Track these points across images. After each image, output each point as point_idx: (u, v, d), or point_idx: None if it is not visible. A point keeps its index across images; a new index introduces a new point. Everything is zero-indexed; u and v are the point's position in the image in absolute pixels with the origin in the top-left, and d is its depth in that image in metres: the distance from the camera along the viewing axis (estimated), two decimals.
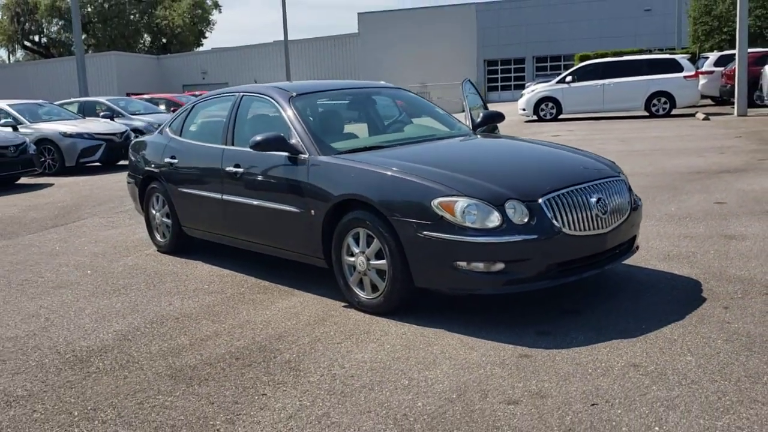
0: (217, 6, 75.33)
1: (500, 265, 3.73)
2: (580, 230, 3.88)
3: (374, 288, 4.22)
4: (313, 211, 4.49)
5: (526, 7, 49.61)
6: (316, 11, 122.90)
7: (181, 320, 4.38)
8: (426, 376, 3.31)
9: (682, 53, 28.35)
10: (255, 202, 4.97)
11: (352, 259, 4.31)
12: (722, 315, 3.84)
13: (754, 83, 19.88)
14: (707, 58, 24.82)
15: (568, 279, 3.91)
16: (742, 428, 2.62)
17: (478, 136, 5.40)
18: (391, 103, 5.83)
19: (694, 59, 23.34)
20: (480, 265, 3.74)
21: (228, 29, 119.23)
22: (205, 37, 74.98)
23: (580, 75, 20.48)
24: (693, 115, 19.99)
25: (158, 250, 6.33)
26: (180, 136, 6.00)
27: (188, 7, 68.12)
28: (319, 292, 4.78)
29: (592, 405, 2.89)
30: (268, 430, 2.88)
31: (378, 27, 52.33)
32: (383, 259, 4.09)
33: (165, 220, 6.15)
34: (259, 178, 4.95)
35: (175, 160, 5.82)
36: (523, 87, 49.59)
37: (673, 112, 20.10)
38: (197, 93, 21.52)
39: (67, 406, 3.23)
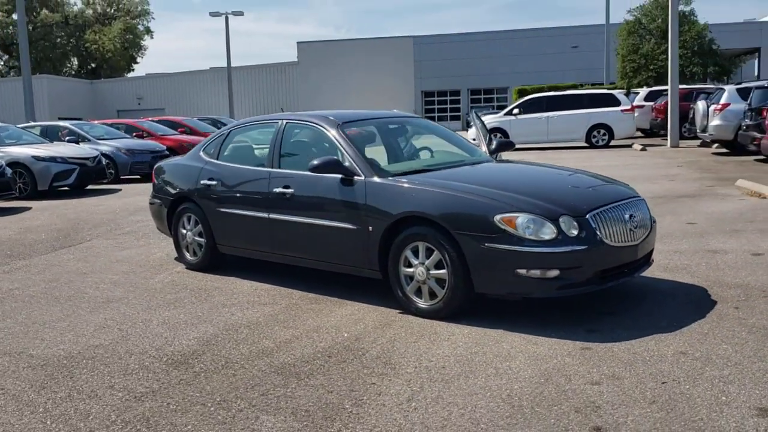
0: (149, 32, 74.49)
1: (555, 272, 4.32)
2: (618, 242, 4.53)
3: (432, 295, 4.73)
4: (371, 228, 4.98)
5: (461, 42, 51.48)
6: (251, 38, 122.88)
7: (253, 328, 4.76)
8: (508, 365, 3.83)
9: (609, 88, 30.26)
10: (307, 220, 5.41)
11: (410, 269, 4.81)
12: (736, 314, 4.54)
13: (683, 117, 21.49)
14: (638, 93, 26.62)
15: (608, 284, 4.54)
16: None
17: (506, 160, 6.02)
18: (423, 132, 6.41)
19: (628, 94, 24.98)
20: (538, 272, 4.32)
21: (160, 54, 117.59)
22: (136, 62, 74.02)
23: (526, 107, 21.67)
24: (630, 146, 21.44)
25: (188, 268, 6.63)
26: (217, 159, 6.38)
27: (119, 32, 67.17)
28: (368, 301, 5.23)
29: (663, 383, 3.49)
30: (394, 410, 3.34)
31: (317, 57, 53.19)
32: (443, 269, 4.61)
33: (198, 239, 6.48)
34: (312, 198, 5.41)
35: (214, 182, 6.19)
36: (458, 118, 51.56)
37: (612, 143, 21.51)
38: (154, 119, 21.52)
39: (196, 398, 3.59)
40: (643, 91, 25.90)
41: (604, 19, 40.50)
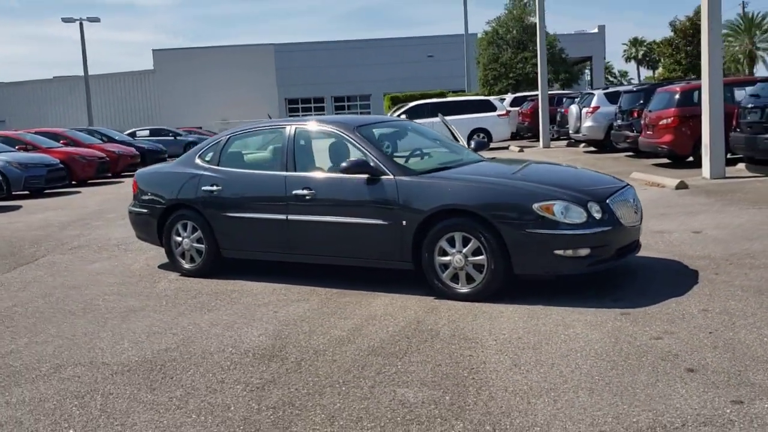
0: None
1: (586, 251, 4.98)
2: (628, 223, 5.27)
3: (470, 280, 5.23)
4: (404, 222, 5.38)
5: (322, 50, 52.10)
6: (104, 46, 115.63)
7: (310, 321, 5.01)
8: (573, 332, 4.41)
9: (472, 95, 32.19)
10: (332, 219, 5.71)
11: (446, 258, 5.27)
12: (719, 278, 5.42)
13: (549, 120, 23.43)
14: (504, 99, 28.58)
15: (623, 260, 5.28)
16: None
17: (502, 159, 6.63)
18: (417, 135, 6.87)
19: (502, 100, 26.74)
20: (571, 252, 4.96)
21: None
22: None
23: (411, 114, 22.60)
24: (507, 147, 23.06)
25: (183, 275, 6.64)
26: (219, 165, 6.47)
27: None
28: (394, 291, 5.61)
29: (710, 333, 4.22)
30: (509, 373, 3.80)
31: (174, 64, 51.66)
32: (481, 255, 5.12)
33: (196, 245, 6.52)
34: (338, 198, 5.72)
35: (218, 188, 6.28)
36: None
37: (491, 145, 23.01)
38: (31, 130, 20.14)
39: (319, 382, 3.84)
40: (509, 97, 27.87)
41: (457, 29, 42.81)
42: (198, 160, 6.63)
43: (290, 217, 5.92)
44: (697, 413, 3.19)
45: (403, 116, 22.48)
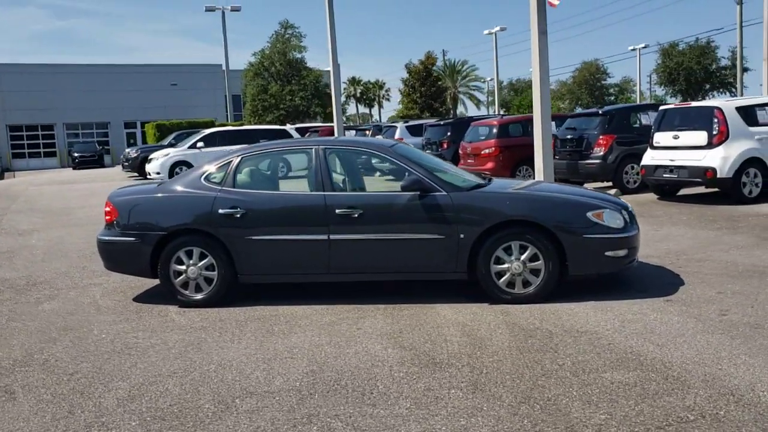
0: None
1: (625, 251, 5.86)
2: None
3: (526, 284, 5.78)
4: (462, 235, 5.76)
5: (54, 74, 47.42)
6: None
7: (390, 338, 5.09)
8: (659, 316, 5.21)
9: (235, 125, 32.29)
10: (383, 236, 5.84)
11: (501, 266, 5.77)
12: (697, 267, 6.68)
13: None
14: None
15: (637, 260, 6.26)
16: None
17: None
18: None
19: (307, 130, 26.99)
20: (614, 252, 5.80)
21: None
22: None
23: (208, 141, 22.11)
24: None
25: (185, 306, 6.11)
26: (234, 187, 6.12)
27: None
28: (438, 302, 5.91)
29: (751, 307, 5.35)
30: (663, 351, 4.46)
31: None
32: (538, 260, 5.73)
33: (206, 273, 6.08)
34: (388, 215, 5.87)
35: (240, 210, 5.96)
36: (54, 154, 47.37)
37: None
38: None
39: (517, 381, 4.12)
40: (290, 128, 28.49)
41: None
42: (204, 182, 6.20)
43: (333, 237, 5.90)
44: None
45: (200, 144, 21.90)
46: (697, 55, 58.65)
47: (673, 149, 11.37)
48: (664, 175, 11.49)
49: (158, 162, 21.66)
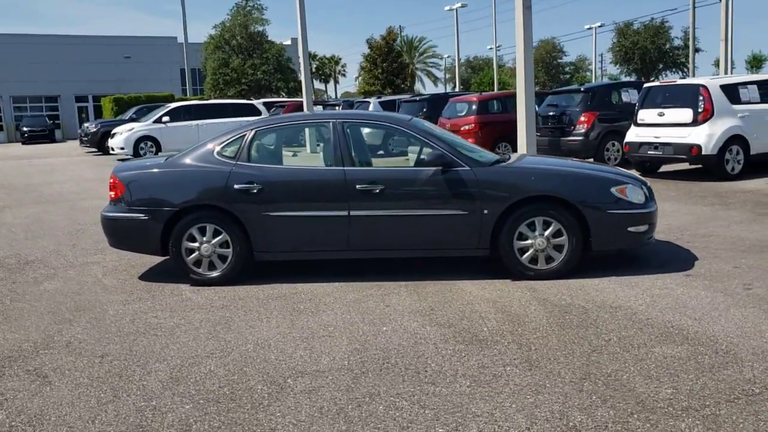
0: None
1: (646, 227, 5.88)
2: None
3: (549, 260, 5.76)
4: (486, 211, 5.69)
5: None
6: None
7: (424, 314, 5.05)
8: (686, 291, 5.25)
9: (196, 99, 31.54)
10: (404, 213, 5.73)
11: (527, 242, 5.73)
12: (704, 243, 6.78)
13: None
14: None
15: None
16: None
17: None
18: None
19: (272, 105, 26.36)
20: (637, 228, 5.81)
21: None
22: None
23: (174, 116, 21.50)
24: None
25: (197, 284, 5.92)
26: (249, 161, 5.91)
27: None
28: (460, 278, 5.86)
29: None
30: (704, 323, 4.50)
31: None
32: (561, 236, 5.71)
33: (220, 250, 5.89)
34: (411, 190, 5.75)
35: (257, 185, 5.77)
36: (0, 129, 45.51)
37: None
38: None
39: (587, 347, 4.10)
40: (257, 103, 27.93)
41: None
42: (218, 156, 5.97)
43: (353, 212, 5.76)
44: None
45: (166, 118, 21.31)
46: (652, 35, 59.65)
47: (657, 126, 11.51)
48: (649, 152, 11.64)
49: (122, 137, 20.97)
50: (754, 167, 11.39)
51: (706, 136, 10.83)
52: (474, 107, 15.34)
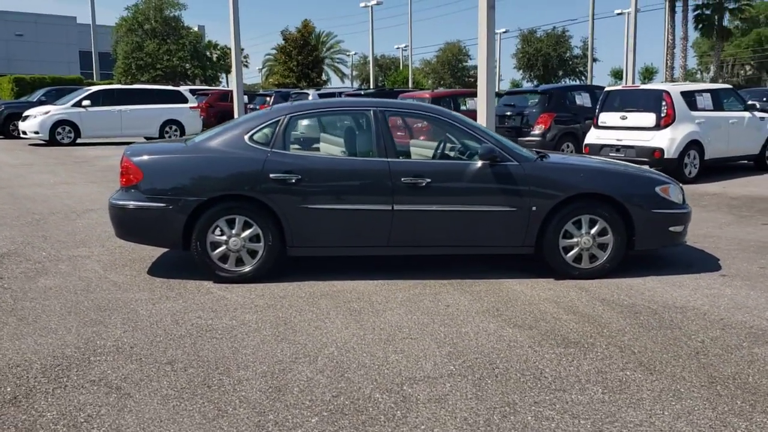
0: None
1: (682, 227, 5.91)
2: None
3: (593, 258, 5.67)
4: (534, 208, 5.53)
5: None
6: None
7: (483, 315, 4.84)
8: (731, 291, 5.30)
9: (105, 83, 29.77)
10: (450, 208, 5.47)
11: (572, 240, 5.62)
12: (732, 252, 6.93)
13: (222, 117, 23.32)
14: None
15: None
16: None
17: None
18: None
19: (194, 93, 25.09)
20: (675, 228, 5.83)
21: None
22: None
23: (94, 100, 20.08)
24: None
25: (221, 281, 5.41)
26: (284, 149, 5.44)
27: None
28: (500, 276, 5.68)
29: None
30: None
31: None
32: (606, 235, 5.63)
33: (250, 244, 5.40)
34: (457, 185, 5.49)
35: (296, 175, 5.33)
36: None
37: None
38: None
39: (668, 341, 4.01)
40: (185, 88, 26.65)
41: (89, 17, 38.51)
42: (249, 142, 5.46)
43: (396, 207, 5.43)
44: None
45: (87, 102, 19.90)
46: (554, 43, 62.14)
47: (620, 129, 11.81)
48: (611, 154, 11.91)
49: (37, 120, 19.35)
50: (707, 171, 11.91)
51: (668, 140, 11.20)
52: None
